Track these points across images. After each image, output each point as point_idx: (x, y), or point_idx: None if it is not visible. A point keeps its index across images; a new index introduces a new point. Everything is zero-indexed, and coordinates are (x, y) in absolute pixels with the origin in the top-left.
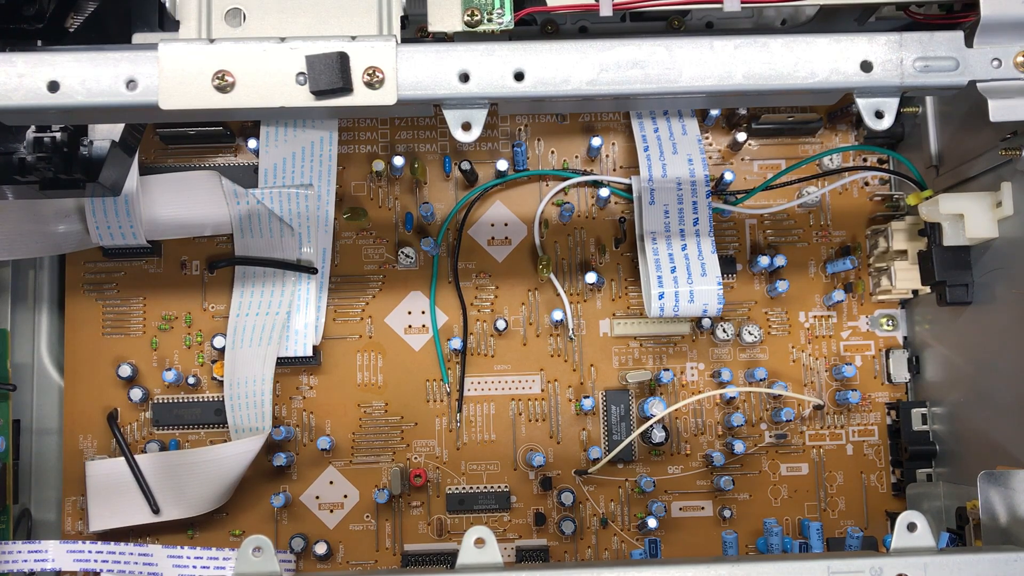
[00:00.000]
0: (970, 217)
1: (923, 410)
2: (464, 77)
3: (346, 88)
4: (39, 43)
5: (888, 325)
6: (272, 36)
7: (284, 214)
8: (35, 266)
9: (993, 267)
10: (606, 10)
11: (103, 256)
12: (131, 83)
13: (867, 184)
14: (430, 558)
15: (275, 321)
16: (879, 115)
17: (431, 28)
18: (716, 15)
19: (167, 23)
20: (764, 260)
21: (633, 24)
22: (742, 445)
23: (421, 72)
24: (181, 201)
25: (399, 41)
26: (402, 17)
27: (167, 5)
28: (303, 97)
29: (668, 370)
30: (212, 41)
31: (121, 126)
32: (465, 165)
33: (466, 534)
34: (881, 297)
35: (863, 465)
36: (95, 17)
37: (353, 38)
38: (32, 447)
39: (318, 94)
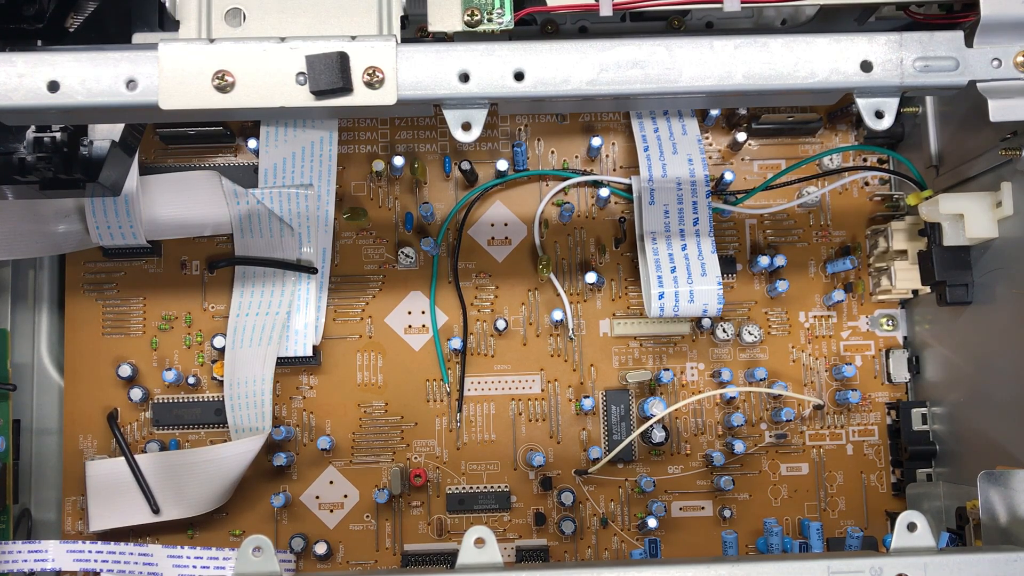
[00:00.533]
0: (970, 217)
1: (923, 410)
2: (464, 77)
3: (346, 88)
4: (39, 43)
5: (888, 325)
6: (272, 36)
7: (284, 214)
8: (35, 266)
9: (993, 267)
10: (606, 10)
11: (103, 256)
12: (131, 83)
13: (867, 184)
14: (430, 558)
15: (275, 321)
16: (879, 115)
17: (431, 28)
18: (716, 15)
19: (167, 23)
20: (764, 260)
21: (633, 24)
22: (742, 445)
23: (421, 72)
24: (181, 201)
25: (399, 41)
26: (402, 17)
27: (167, 5)
28: (303, 97)
29: (668, 370)
30: (212, 41)
31: (121, 126)
32: (465, 165)
33: (466, 534)
34: (881, 297)
35: (863, 465)
36: (95, 17)
37: (353, 38)
38: (32, 447)
39: (318, 94)
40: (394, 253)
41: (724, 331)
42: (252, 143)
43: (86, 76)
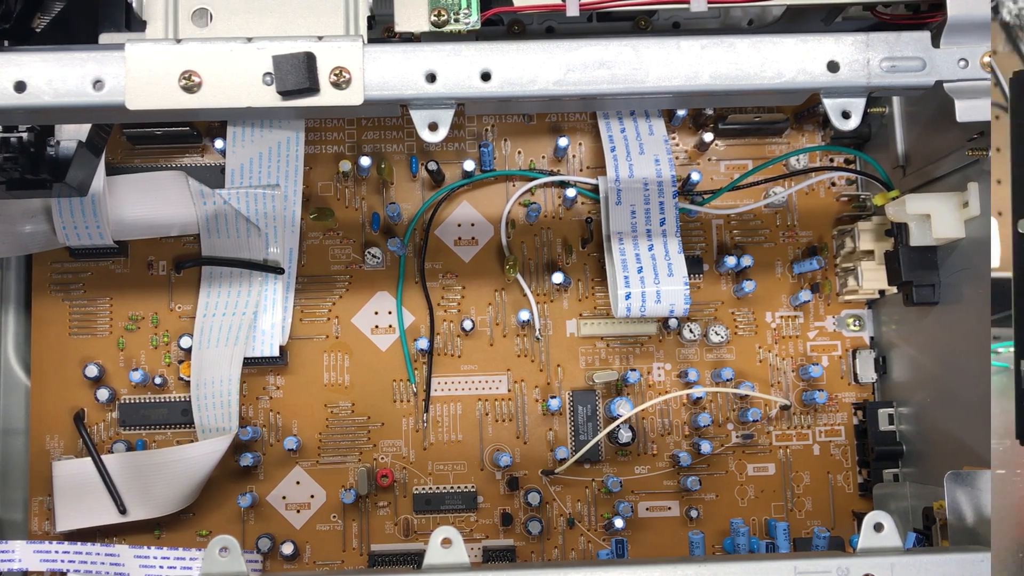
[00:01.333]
0: (937, 217)
1: (890, 410)
2: (431, 77)
3: (313, 88)
4: (5, 43)
5: (855, 325)
6: (239, 36)
7: (251, 214)
8: (1, 266)
9: (960, 267)
10: (573, 10)
11: (70, 256)
12: (98, 83)
13: (834, 184)
14: (397, 558)
15: (242, 321)
16: (846, 115)
17: (398, 28)
18: (683, 15)
19: (134, 23)
20: (731, 260)
21: (600, 24)
22: (709, 445)
23: (388, 72)
24: (148, 201)
25: (366, 41)
26: (369, 17)
27: (134, 5)
28: (270, 97)
29: (635, 370)
30: (179, 41)
31: (88, 126)
32: (432, 165)
33: (433, 534)
34: (848, 297)
35: (830, 465)
36: (62, 17)
37: (320, 38)
38: None
39: (285, 94)
40: (361, 253)
41: (691, 331)
42: (219, 143)
43: (53, 76)
